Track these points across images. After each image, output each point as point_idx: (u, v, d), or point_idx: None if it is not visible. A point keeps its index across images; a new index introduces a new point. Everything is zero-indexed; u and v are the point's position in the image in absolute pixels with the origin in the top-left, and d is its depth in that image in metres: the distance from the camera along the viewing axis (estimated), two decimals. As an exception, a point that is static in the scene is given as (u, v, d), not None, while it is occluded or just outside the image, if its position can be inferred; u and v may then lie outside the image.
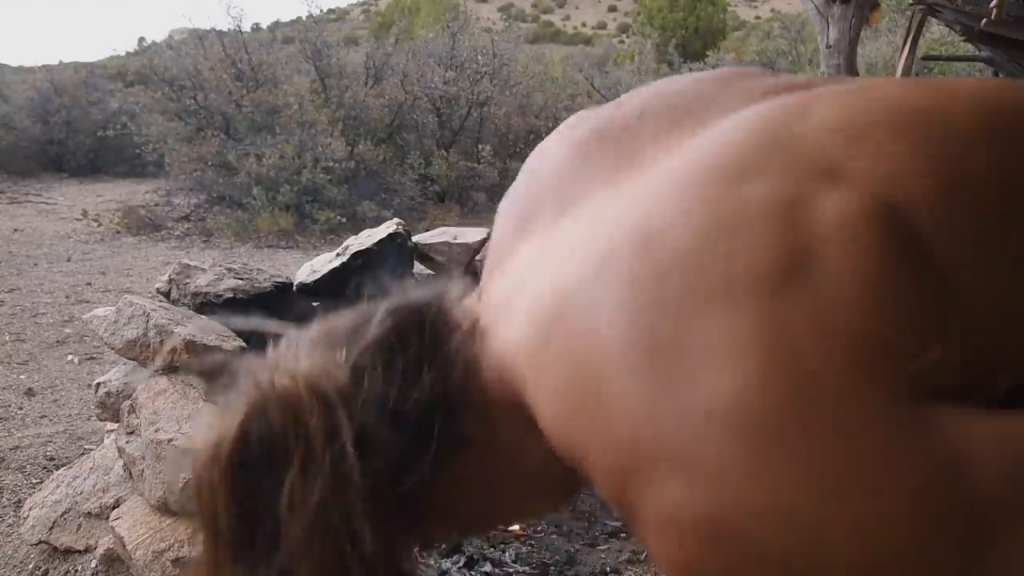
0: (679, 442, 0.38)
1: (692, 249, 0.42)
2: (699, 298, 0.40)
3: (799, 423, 0.37)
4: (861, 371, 0.38)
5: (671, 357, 0.40)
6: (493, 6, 53.09)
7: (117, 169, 11.31)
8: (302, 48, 9.13)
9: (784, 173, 0.44)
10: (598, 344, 0.42)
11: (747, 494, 0.37)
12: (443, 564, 1.83)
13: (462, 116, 9.12)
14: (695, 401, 0.38)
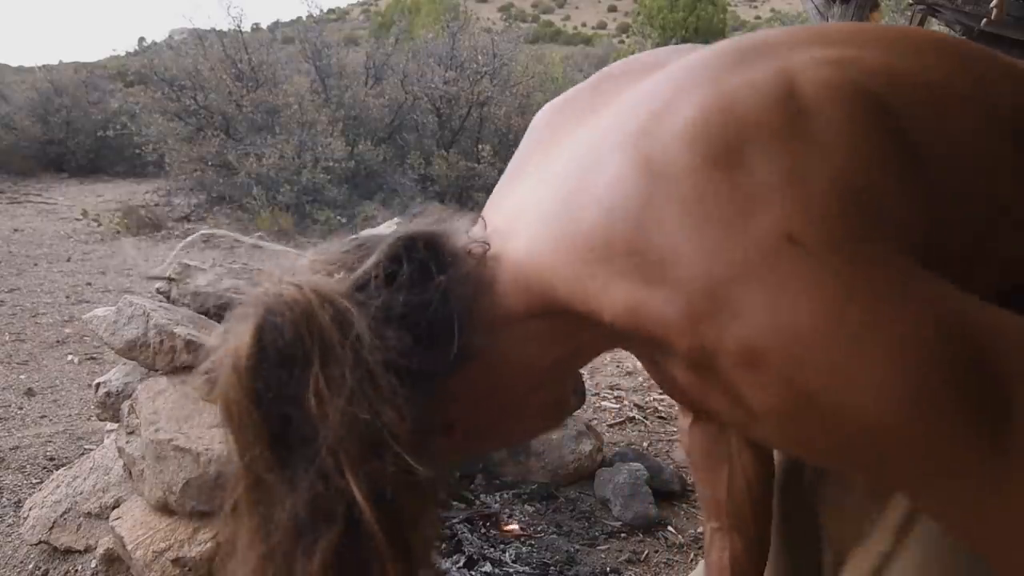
0: (753, 276, 0.44)
1: (704, 119, 0.48)
2: (727, 155, 0.46)
3: (831, 257, 0.43)
4: (862, 219, 0.45)
5: (711, 212, 0.45)
6: (493, 6, 53.07)
7: (117, 169, 11.30)
8: (302, 48, 9.12)
9: (780, 58, 0.51)
10: (644, 215, 0.47)
11: (807, 316, 0.42)
12: (443, 564, 1.83)
13: (462, 116, 9.11)
14: (753, 238, 0.44)
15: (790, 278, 0.43)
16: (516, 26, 12.87)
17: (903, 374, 0.42)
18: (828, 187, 0.45)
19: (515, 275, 0.56)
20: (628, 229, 0.48)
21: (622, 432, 2.83)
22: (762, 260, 0.44)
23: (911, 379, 0.42)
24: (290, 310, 0.52)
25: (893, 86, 0.51)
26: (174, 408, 1.68)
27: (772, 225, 0.44)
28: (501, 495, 2.20)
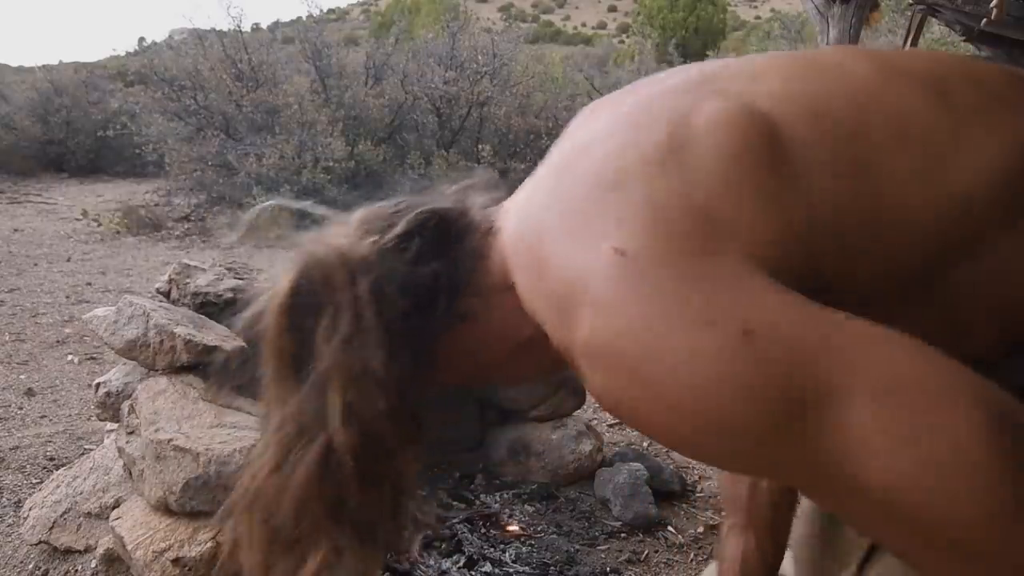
0: (590, 285, 0.52)
1: (615, 150, 0.58)
2: (604, 180, 0.56)
3: (657, 271, 0.50)
4: (707, 237, 0.51)
5: (584, 226, 0.55)
6: (493, 6, 53.09)
7: (117, 169, 11.30)
8: (302, 48, 9.12)
9: (687, 94, 0.60)
10: (541, 225, 0.59)
11: (624, 321, 0.50)
12: (443, 564, 1.83)
13: (462, 116, 9.11)
14: (599, 255, 0.52)
15: (617, 287, 0.51)
16: (516, 26, 12.86)
17: (691, 377, 0.48)
18: (677, 208, 0.53)
19: (499, 250, 0.65)
20: (535, 234, 0.60)
21: (622, 432, 2.83)
22: (597, 272, 0.52)
23: (697, 381, 0.48)
24: (317, 266, 0.67)
25: (792, 115, 0.57)
26: (174, 408, 1.68)
27: (614, 240, 0.52)
28: (501, 495, 2.20)
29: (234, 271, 2.15)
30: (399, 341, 0.63)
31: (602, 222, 0.54)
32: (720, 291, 0.50)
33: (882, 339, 0.49)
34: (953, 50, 6.52)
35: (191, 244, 7.01)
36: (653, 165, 0.55)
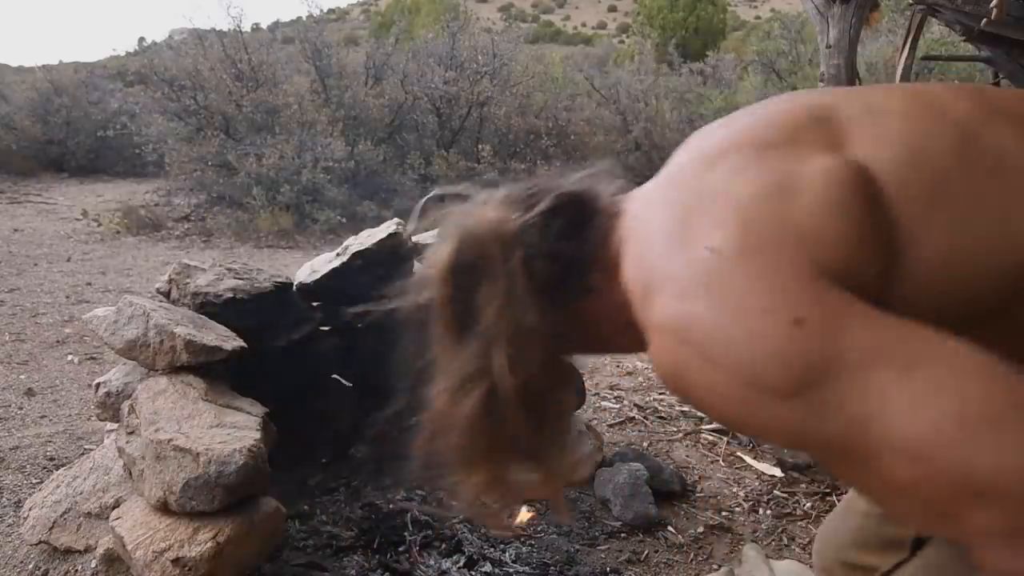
0: (678, 274, 0.63)
1: (722, 169, 0.68)
2: (710, 193, 0.67)
3: (734, 267, 0.60)
4: (784, 242, 0.61)
5: (685, 226, 0.66)
6: (493, 6, 53.08)
7: (117, 169, 11.30)
8: (302, 48, 9.12)
9: (799, 143, 0.68)
10: (651, 217, 0.71)
11: (697, 307, 0.61)
12: (443, 564, 1.83)
13: (462, 116, 9.11)
14: (692, 251, 0.63)
15: (702, 275, 0.62)
16: (516, 26, 12.86)
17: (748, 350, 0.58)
18: (768, 221, 0.62)
19: (619, 233, 0.76)
20: (644, 224, 0.73)
21: (622, 432, 2.83)
22: (686, 264, 0.63)
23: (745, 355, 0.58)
24: (475, 238, 0.78)
25: (891, 164, 0.65)
26: (174, 408, 1.68)
27: (708, 240, 0.63)
28: (501, 495, 2.20)
29: (234, 271, 2.15)
30: (545, 305, 0.75)
31: (701, 225, 0.64)
32: (781, 286, 0.59)
33: (917, 332, 0.57)
34: (952, 50, 6.53)
35: (191, 244, 7.00)
36: (761, 192, 0.64)
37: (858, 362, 0.55)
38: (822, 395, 0.56)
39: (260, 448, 1.57)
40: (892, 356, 0.55)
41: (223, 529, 1.50)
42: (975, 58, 2.92)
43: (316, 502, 2.13)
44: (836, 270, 0.60)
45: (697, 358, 0.61)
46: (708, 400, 0.63)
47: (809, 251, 0.60)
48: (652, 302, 0.65)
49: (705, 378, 0.61)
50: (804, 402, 0.56)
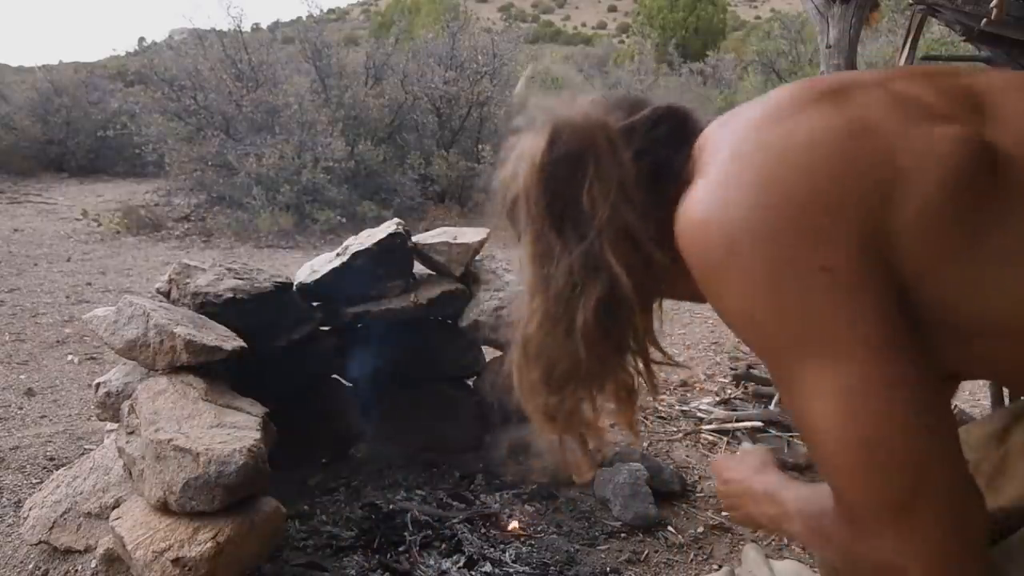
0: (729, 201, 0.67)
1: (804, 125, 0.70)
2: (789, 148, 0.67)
3: (783, 223, 0.64)
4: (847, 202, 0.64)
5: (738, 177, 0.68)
6: (493, 6, 53.08)
7: (117, 169, 11.30)
8: (302, 48, 9.12)
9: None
10: (713, 179, 0.70)
11: (743, 231, 0.65)
12: (443, 564, 1.83)
13: (462, 116, 9.11)
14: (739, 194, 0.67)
15: (750, 216, 0.66)
16: (516, 26, 12.86)
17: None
18: (836, 179, 0.65)
19: (694, 157, 0.76)
20: (714, 161, 0.73)
21: (622, 432, 2.82)
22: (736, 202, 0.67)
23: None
24: (577, 128, 0.76)
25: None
26: (174, 408, 1.68)
27: (760, 197, 0.66)
28: (501, 495, 2.20)
29: (234, 271, 2.15)
30: (649, 207, 0.75)
31: (772, 181, 0.65)
32: (819, 242, 0.62)
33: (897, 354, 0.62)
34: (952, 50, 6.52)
35: (191, 244, 7.00)
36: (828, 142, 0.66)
37: (827, 345, 0.62)
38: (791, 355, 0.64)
39: (260, 448, 1.57)
40: (855, 368, 0.62)
41: (223, 529, 1.50)
42: (975, 58, 2.92)
43: (316, 502, 2.13)
44: (874, 243, 0.62)
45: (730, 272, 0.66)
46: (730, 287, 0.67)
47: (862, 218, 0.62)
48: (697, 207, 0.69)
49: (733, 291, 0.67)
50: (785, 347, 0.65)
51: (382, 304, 2.25)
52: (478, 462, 2.40)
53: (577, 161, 0.75)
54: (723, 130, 0.75)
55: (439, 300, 2.28)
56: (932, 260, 0.63)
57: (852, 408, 0.61)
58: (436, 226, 3.13)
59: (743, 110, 0.76)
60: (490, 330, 2.26)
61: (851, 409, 0.61)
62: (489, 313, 2.27)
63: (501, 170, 0.82)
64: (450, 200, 8.67)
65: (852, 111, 0.67)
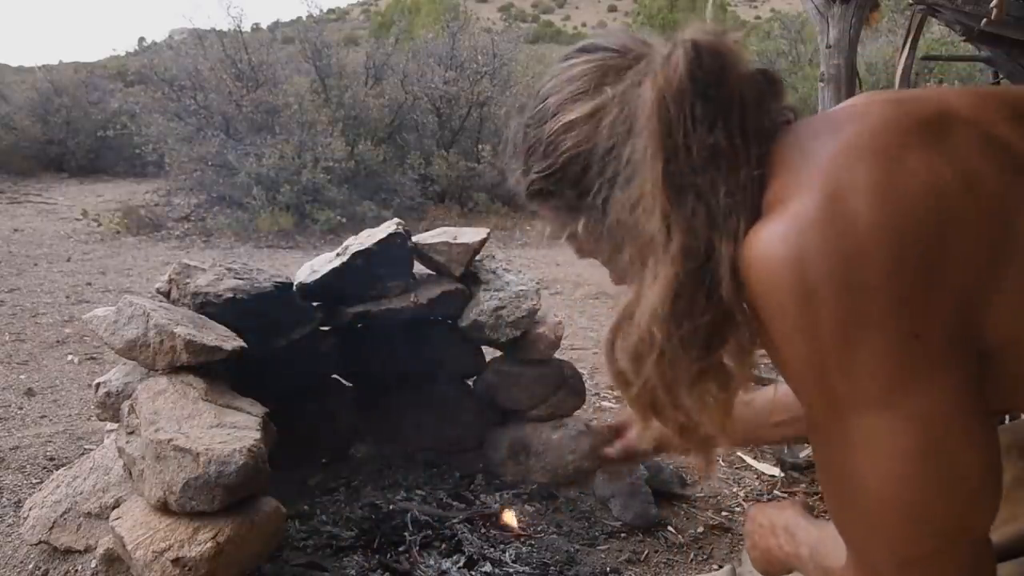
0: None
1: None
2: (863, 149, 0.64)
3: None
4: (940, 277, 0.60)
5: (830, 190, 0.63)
6: (493, 6, 53.09)
7: (117, 169, 11.30)
8: (302, 48, 9.12)
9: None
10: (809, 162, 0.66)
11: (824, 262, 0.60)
12: (443, 564, 1.83)
13: (462, 116, 9.11)
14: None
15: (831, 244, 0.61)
16: (516, 26, 12.87)
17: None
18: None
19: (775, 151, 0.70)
20: (795, 170, 0.68)
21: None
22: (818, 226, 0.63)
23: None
24: (722, 54, 0.67)
25: None
26: (174, 408, 1.68)
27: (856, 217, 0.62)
28: (501, 495, 2.20)
29: (234, 271, 2.14)
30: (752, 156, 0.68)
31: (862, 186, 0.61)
32: (916, 307, 0.59)
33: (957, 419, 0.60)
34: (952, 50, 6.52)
35: (191, 244, 7.00)
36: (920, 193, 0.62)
37: (882, 401, 0.60)
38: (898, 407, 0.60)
39: (260, 448, 1.57)
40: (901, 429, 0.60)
41: (223, 529, 1.49)
42: (975, 58, 2.92)
43: (316, 502, 2.13)
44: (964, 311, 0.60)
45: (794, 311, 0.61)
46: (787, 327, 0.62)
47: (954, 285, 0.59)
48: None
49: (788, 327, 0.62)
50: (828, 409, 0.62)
51: (382, 304, 2.24)
52: (478, 462, 2.40)
53: (720, 93, 0.66)
54: (816, 147, 0.67)
55: (439, 300, 2.28)
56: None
57: (908, 471, 0.60)
58: (436, 226, 3.13)
59: (834, 122, 0.69)
60: (490, 330, 2.26)
61: (906, 472, 0.60)
62: (489, 313, 2.27)
63: (563, 110, 0.74)
64: (450, 200, 8.67)
65: (958, 160, 0.62)
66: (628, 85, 0.71)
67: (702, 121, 0.66)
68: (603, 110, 0.72)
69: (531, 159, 0.80)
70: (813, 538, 0.81)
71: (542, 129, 0.77)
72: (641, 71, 0.71)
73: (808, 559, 0.81)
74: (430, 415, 2.44)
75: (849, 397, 0.61)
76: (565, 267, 6.04)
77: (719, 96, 0.66)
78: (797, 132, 0.71)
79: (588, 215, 0.76)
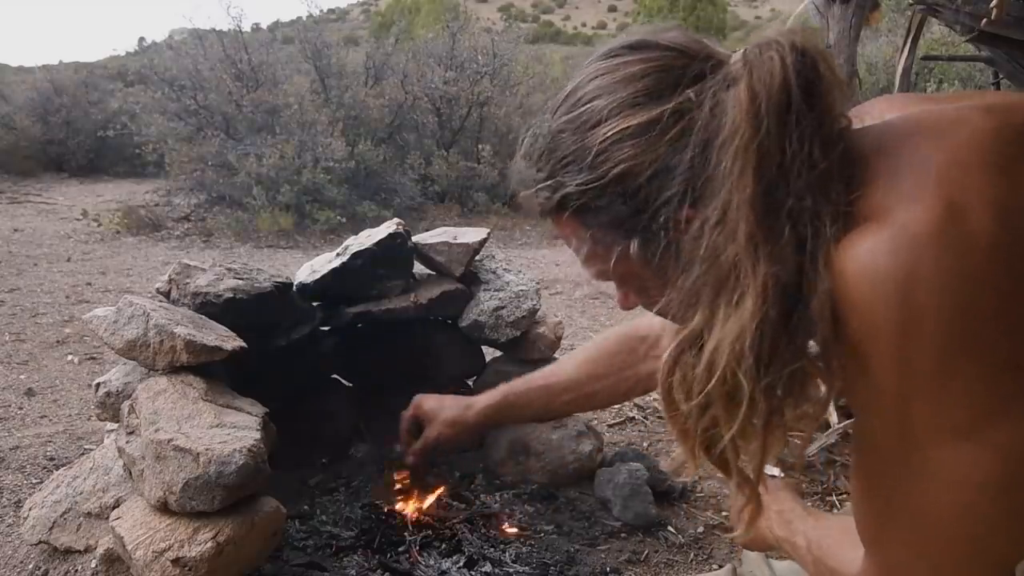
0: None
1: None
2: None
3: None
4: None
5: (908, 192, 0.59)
6: (493, 6, 53.08)
7: (117, 169, 11.31)
8: (302, 48, 9.12)
9: None
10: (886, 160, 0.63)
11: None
12: (443, 564, 1.83)
13: (462, 116, 9.11)
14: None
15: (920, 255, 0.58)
16: (516, 26, 12.84)
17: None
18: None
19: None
20: (881, 168, 0.64)
21: (622, 432, 2.83)
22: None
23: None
24: (819, 60, 0.62)
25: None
26: (174, 408, 1.68)
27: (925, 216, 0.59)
28: (501, 495, 2.20)
29: (234, 271, 2.14)
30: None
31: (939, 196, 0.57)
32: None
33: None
34: (952, 50, 6.52)
35: (191, 244, 7.00)
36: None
37: (939, 433, 0.58)
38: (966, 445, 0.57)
39: (260, 448, 1.57)
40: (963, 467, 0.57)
41: (223, 529, 1.50)
42: (975, 58, 2.92)
43: (316, 502, 2.13)
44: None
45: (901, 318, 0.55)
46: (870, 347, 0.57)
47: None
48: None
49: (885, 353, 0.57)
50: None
51: (382, 304, 2.24)
52: (478, 462, 2.39)
53: (813, 102, 0.60)
54: (917, 155, 0.61)
55: (439, 300, 2.28)
56: None
57: (979, 504, 0.57)
58: (436, 226, 3.13)
59: (928, 128, 0.64)
60: (490, 330, 2.26)
61: (977, 505, 0.57)
62: (489, 313, 2.26)
63: (623, 114, 0.65)
64: (450, 200, 8.67)
65: None
66: (709, 90, 0.64)
67: (801, 134, 0.59)
68: (672, 117, 0.64)
69: (567, 169, 0.70)
70: (811, 531, 0.80)
71: (588, 136, 0.68)
72: (725, 75, 0.64)
73: (805, 551, 0.80)
74: (430, 415, 2.44)
75: (930, 426, 0.57)
76: (565, 267, 6.05)
77: (818, 106, 0.61)
78: (879, 138, 0.65)
79: (641, 235, 0.68)
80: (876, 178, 0.61)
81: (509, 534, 2.00)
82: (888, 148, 0.63)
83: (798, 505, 0.88)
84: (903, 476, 0.59)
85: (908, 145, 0.62)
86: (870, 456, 0.63)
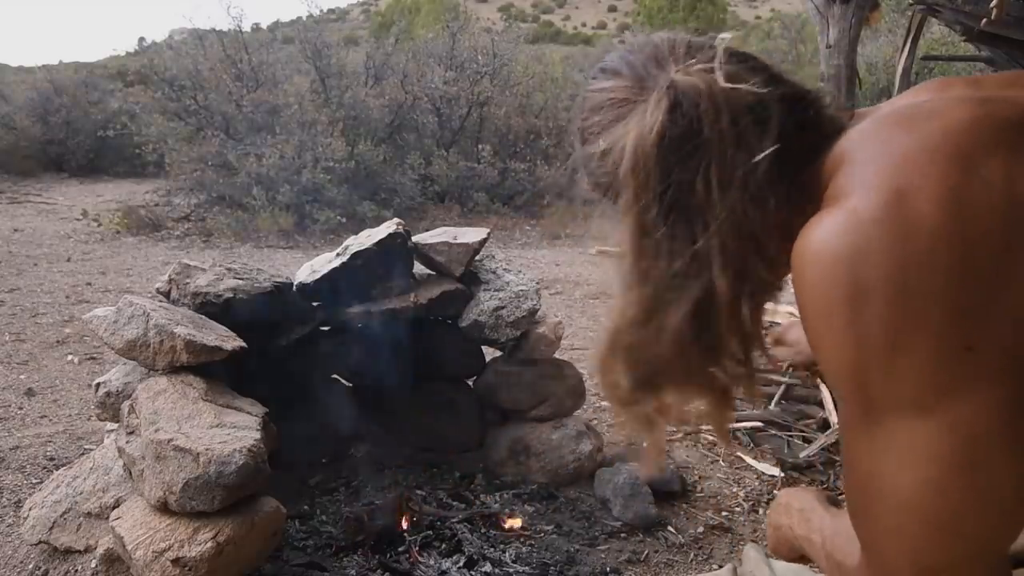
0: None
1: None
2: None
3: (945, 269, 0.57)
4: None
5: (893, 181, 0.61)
6: (493, 6, 53.06)
7: (117, 169, 11.30)
8: (302, 48, 9.12)
9: None
10: (859, 162, 0.64)
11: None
12: (443, 564, 1.83)
13: (462, 116, 9.11)
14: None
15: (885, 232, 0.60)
16: (516, 26, 12.84)
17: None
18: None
19: (832, 155, 0.68)
20: (853, 169, 0.65)
21: (622, 432, 2.82)
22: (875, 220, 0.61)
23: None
24: (701, 100, 0.64)
25: None
26: (174, 408, 1.68)
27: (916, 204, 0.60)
28: (501, 495, 2.20)
29: (234, 271, 2.15)
30: (767, 196, 0.65)
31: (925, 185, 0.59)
32: (973, 318, 0.57)
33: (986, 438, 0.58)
34: (952, 50, 6.52)
35: (191, 244, 7.00)
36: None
37: (912, 406, 0.58)
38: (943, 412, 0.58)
39: (260, 448, 1.57)
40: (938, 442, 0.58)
41: (223, 529, 1.50)
42: (975, 58, 2.92)
43: (316, 502, 2.13)
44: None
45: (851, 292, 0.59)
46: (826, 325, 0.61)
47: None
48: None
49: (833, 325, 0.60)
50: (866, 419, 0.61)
51: (382, 304, 2.25)
52: (478, 462, 2.40)
53: (696, 141, 0.65)
54: (887, 144, 0.65)
55: (439, 300, 2.28)
56: None
57: (944, 479, 0.58)
58: (436, 226, 3.13)
59: (908, 118, 0.67)
60: (490, 330, 2.26)
61: (942, 480, 0.59)
62: (489, 313, 2.27)
63: (590, 140, 0.71)
64: (450, 200, 8.67)
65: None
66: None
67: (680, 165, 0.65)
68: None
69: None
70: (828, 527, 0.80)
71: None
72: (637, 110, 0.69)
73: (820, 547, 0.80)
74: (430, 415, 2.44)
75: (887, 398, 0.59)
76: (565, 267, 6.05)
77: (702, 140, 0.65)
78: (864, 127, 0.69)
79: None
80: (845, 166, 0.66)
81: (510, 527, 2.00)
82: (868, 137, 0.67)
83: (819, 503, 0.88)
84: (871, 453, 0.62)
85: (883, 136, 0.66)
86: (844, 435, 0.67)
